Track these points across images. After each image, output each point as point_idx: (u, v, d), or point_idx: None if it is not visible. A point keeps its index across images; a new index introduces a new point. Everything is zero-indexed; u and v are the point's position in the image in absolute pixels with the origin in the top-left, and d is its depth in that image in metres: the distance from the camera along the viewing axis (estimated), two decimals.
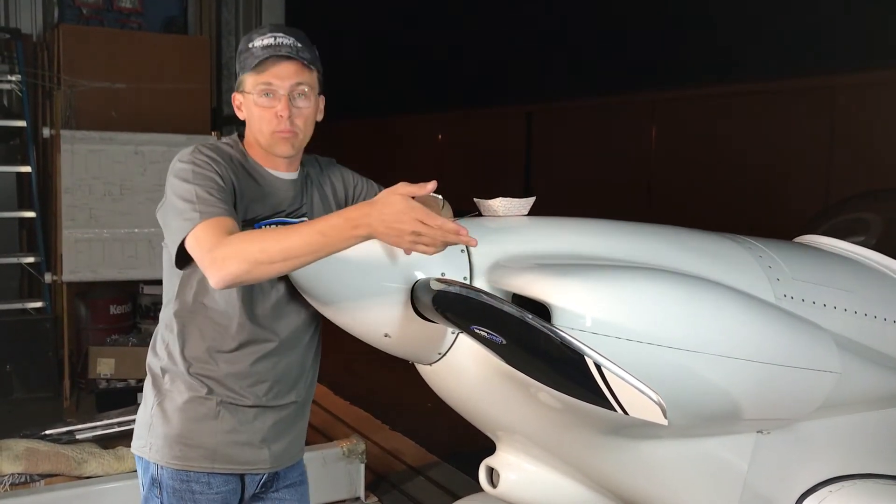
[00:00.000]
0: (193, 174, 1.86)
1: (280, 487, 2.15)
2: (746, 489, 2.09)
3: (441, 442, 4.78)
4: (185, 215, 1.81)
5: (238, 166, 1.97)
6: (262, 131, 1.96)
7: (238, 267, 1.70)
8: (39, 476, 3.53)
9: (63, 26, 6.11)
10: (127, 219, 5.50)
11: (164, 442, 1.99)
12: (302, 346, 2.08)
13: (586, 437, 1.97)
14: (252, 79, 1.95)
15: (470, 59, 9.97)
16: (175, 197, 1.86)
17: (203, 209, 1.79)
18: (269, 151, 1.99)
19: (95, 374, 5.47)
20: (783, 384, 1.96)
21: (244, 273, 1.71)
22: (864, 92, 6.24)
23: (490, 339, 1.67)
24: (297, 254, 1.69)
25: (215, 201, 1.82)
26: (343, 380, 5.84)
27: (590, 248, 2.00)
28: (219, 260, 1.71)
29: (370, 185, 2.22)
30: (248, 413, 2.02)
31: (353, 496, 4.06)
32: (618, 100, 8.31)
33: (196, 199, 1.82)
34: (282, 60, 1.94)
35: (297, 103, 1.96)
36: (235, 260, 1.70)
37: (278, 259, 1.69)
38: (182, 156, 1.93)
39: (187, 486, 1.99)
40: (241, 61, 1.98)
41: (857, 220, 2.83)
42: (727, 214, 5.86)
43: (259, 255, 1.70)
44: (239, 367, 1.98)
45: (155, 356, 2.05)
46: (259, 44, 1.94)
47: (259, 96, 1.95)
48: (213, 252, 1.73)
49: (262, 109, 1.95)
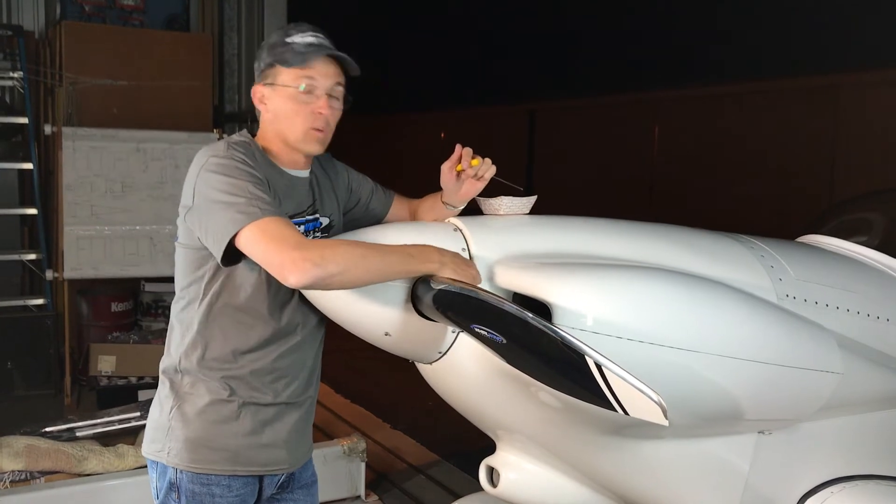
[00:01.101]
0: (238, 170, 1.82)
1: (295, 488, 2.14)
2: (748, 490, 2.08)
3: (442, 441, 4.77)
4: (239, 208, 1.76)
5: (265, 165, 1.93)
6: (295, 127, 1.94)
7: (336, 268, 1.70)
8: (40, 473, 3.53)
9: (65, 23, 6.11)
10: (128, 216, 5.48)
11: (184, 445, 1.95)
12: (317, 341, 2.08)
13: (587, 437, 1.96)
14: (293, 73, 1.92)
15: (471, 58, 9.96)
16: (218, 192, 1.80)
17: (262, 206, 1.76)
18: (297, 148, 1.96)
19: (96, 371, 5.47)
20: (785, 384, 1.96)
21: (338, 274, 1.72)
22: (867, 91, 6.23)
23: (490, 338, 1.66)
24: (388, 266, 1.78)
25: (270, 200, 1.80)
26: (344, 378, 5.84)
27: (591, 248, 1.99)
28: (316, 259, 1.69)
29: (366, 181, 2.22)
30: (269, 413, 2.00)
31: (354, 495, 4.06)
32: (620, 99, 8.31)
33: (250, 194, 1.78)
34: (328, 58, 1.94)
35: (332, 104, 1.96)
36: (335, 262, 1.70)
37: (374, 263, 1.76)
38: (216, 151, 1.88)
39: (208, 489, 1.96)
40: (277, 55, 1.94)
41: (859, 220, 2.82)
42: (729, 214, 5.85)
43: (359, 261, 1.74)
44: (262, 363, 1.96)
45: (171, 358, 2.01)
46: (301, 40, 1.93)
47: (299, 91, 1.92)
48: (306, 251, 1.70)
49: (298, 105, 1.93)
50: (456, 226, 1.99)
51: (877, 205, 2.98)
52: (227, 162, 1.84)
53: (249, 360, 1.95)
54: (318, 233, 2.03)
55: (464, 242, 1.92)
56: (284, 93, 1.94)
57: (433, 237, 1.91)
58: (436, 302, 1.76)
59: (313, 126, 1.94)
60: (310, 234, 2.00)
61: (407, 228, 2.00)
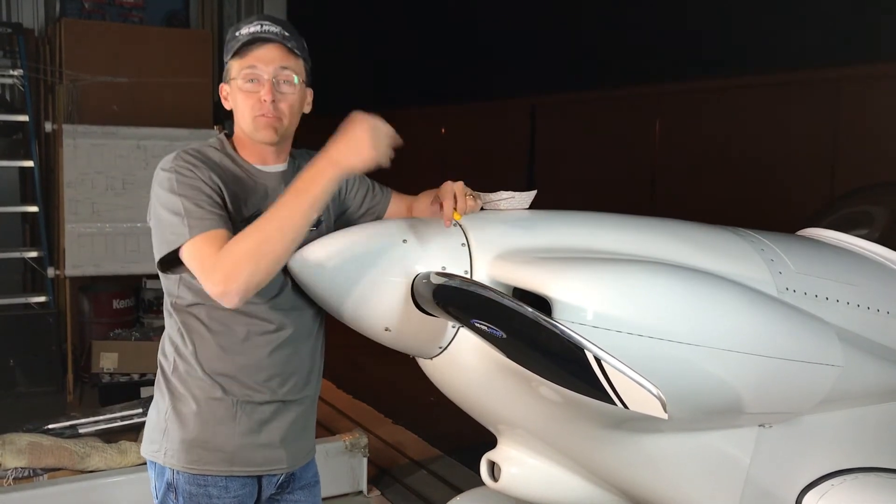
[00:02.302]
0: (178, 183, 1.85)
1: (295, 489, 2.13)
2: (748, 483, 2.08)
3: (443, 436, 4.78)
4: (174, 229, 1.81)
5: (224, 168, 1.94)
6: (245, 117, 1.94)
7: (248, 270, 1.71)
8: (42, 470, 3.54)
9: (65, 20, 6.11)
10: (129, 213, 5.48)
11: (180, 446, 1.95)
12: (313, 338, 2.06)
13: (587, 431, 1.96)
14: (237, 64, 1.94)
15: (472, 53, 9.95)
16: (161, 208, 1.86)
17: (193, 223, 1.79)
18: (253, 138, 1.96)
19: (98, 368, 5.47)
20: (785, 378, 1.96)
21: (255, 272, 1.72)
22: (869, 85, 6.21)
23: (490, 332, 1.66)
24: (291, 222, 1.73)
25: (203, 213, 1.81)
26: (346, 374, 5.84)
27: (591, 242, 1.99)
28: (224, 276, 1.72)
29: (362, 179, 2.20)
30: (266, 412, 1.99)
31: (356, 490, 4.07)
32: (622, 93, 8.29)
33: (184, 211, 1.81)
34: (265, 44, 1.92)
35: (282, 88, 1.94)
36: (243, 266, 1.71)
37: (276, 235, 1.72)
38: (164, 163, 1.91)
39: (204, 490, 1.96)
40: (227, 49, 1.96)
41: (860, 213, 2.82)
42: (730, 207, 5.84)
43: (261, 244, 1.72)
44: (252, 359, 1.94)
45: (165, 357, 2.01)
46: (245, 31, 1.93)
47: (244, 81, 1.92)
48: (214, 273, 1.73)
49: (245, 94, 1.93)
50: (455, 221, 1.98)
51: (877, 198, 2.98)
52: (168, 175, 1.87)
53: (238, 358, 1.94)
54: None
55: (463, 237, 1.92)
56: (235, 86, 1.95)
57: (433, 232, 1.91)
58: (435, 297, 1.76)
59: (259, 113, 1.92)
60: None
61: (409, 224, 2.00)
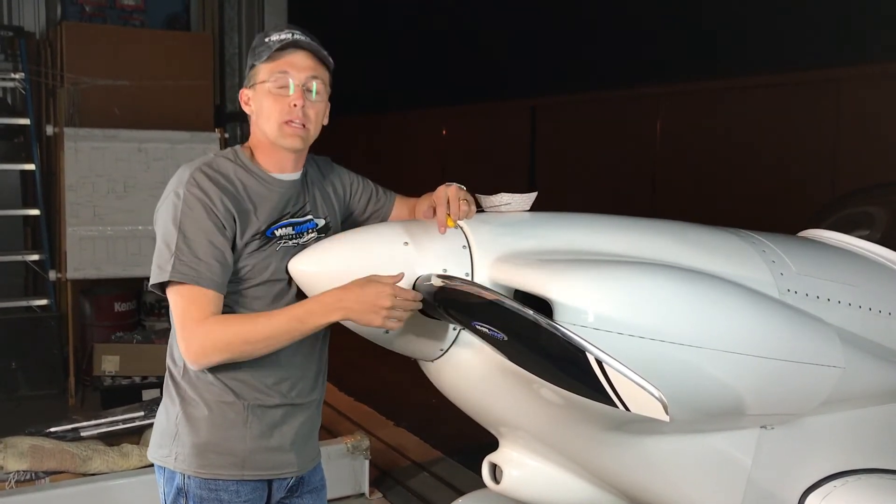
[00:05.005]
0: (182, 215, 1.85)
1: (304, 493, 2.13)
2: (750, 484, 2.08)
3: (445, 438, 4.78)
4: (161, 262, 1.85)
5: (239, 180, 1.92)
6: (272, 122, 1.92)
7: (220, 357, 1.84)
8: (44, 473, 3.54)
9: (66, 24, 6.12)
10: (131, 216, 5.49)
11: (191, 451, 1.95)
12: (320, 341, 2.07)
13: (589, 433, 1.96)
14: (267, 67, 1.92)
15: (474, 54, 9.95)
16: (159, 232, 1.89)
17: (179, 266, 1.81)
18: (277, 145, 1.94)
19: (100, 371, 5.47)
20: (787, 379, 1.96)
21: (228, 359, 1.85)
22: (869, 85, 6.21)
23: (492, 335, 1.66)
24: (277, 339, 1.84)
25: (195, 261, 1.82)
26: (347, 376, 5.84)
27: (592, 244, 1.99)
28: (203, 349, 1.82)
29: (366, 183, 2.21)
30: (276, 415, 1.99)
31: (358, 492, 4.07)
32: (622, 93, 8.29)
33: (176, 249, 1.82)
34: (299, 50, 1.93)
35: (311, 96, 1.94)
36: (218, 352, 1.83)
37: (261, 343, 1.84)
38: (177, 183, 1.89)
39: (216, 494, 1.96)
40: (256, 54, 1.95)
41: (861, 215, 2.82)
42: (731, 209, 5.85)
43: (241, 344, 1.83)
44: (263, 362, 1.93)
45: (173, 362, 2.00)
46: (276, 37, 1.92)
47: (274, 85, 1.91)
48: (190, 341, 1.83)
49: (274, 99, 1.91)
50: (457, 223, 1.99)
51: (878, 199, 2.98)
52: (176, 203, 1.87)
53: (249, 361, 1.93)
54: (314, 233, 2.01)
55: (465, 239, 1.93)
56: (262, 90, 1.94)
57: (434, 234, 1.92)
58: (437, 299, 1.76)
59: (288, 118, 1.91)
60: (304, 234, 1.99)
61: (410, 226, 2.00)
